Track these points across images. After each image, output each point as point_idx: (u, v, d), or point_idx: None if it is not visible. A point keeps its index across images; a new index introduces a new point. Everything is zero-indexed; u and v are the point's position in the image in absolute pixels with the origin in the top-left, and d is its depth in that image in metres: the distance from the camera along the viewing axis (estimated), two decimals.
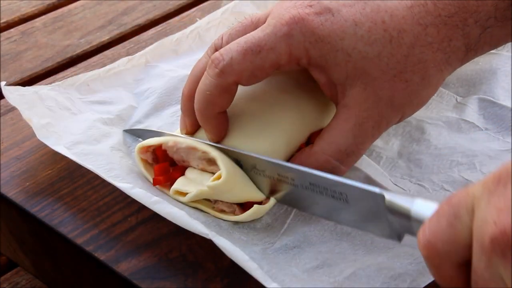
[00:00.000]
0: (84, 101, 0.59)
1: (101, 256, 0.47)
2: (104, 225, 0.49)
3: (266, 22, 0.47)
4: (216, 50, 0.48)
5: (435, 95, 0.61)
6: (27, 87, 0.57)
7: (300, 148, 0.51)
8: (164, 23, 0.76)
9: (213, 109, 0.48)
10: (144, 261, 0.46)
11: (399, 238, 0.42)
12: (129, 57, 0.64)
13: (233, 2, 0.73)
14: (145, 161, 0.51)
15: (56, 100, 0.57)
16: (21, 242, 0.56)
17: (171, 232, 0.46)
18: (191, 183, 0.49)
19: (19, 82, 0.55)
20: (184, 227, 0.45)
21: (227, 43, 0.48)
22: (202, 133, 0.50)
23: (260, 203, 0.48)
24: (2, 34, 0.77)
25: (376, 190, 0.41)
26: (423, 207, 0.39)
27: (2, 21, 0.80)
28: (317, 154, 0.47)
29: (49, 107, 0.56)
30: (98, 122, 0.56)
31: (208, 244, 0.45)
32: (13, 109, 0.61)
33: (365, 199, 0.42)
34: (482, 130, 0.57)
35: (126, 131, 0.56)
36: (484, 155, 0.54)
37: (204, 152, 0.48)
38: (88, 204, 0.51)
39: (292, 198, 0.47)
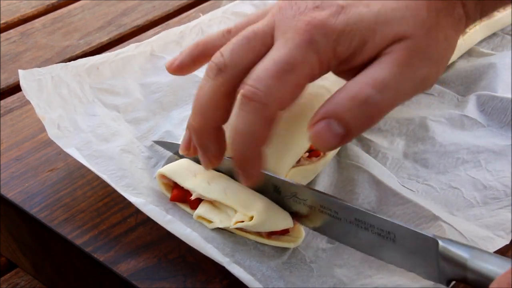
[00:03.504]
0: (93, 88, 0.60)
1: (101, 257, 0.47)
2: (103, 226, 0.49)
3: (280, 38, 0.43)
4: (220, 70, 0.44)
5: (437, 94, 0.61)
6: (42, 68, 0.58)
7: (310, 150, 0.51)
8: (163, 24, 0.76)
9: (258, 146, 0.43)
10: (143, 262, 0.46)
11: (447, 283, 0.41)
12: (137, 43, 0.65)
13: (233, 2, 0.73)
14: (165, 184, 0.51)
15: (68, 85, 0.58)
16: (20, 243, 0.56)
17: (171, 233, 0.46)
18: (215, 210, 0.48)
19: (19, 83, 0.55)
20: (198, 249, 0.45)
21: (233, 63, 0.44)
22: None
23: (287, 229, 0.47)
24: (1, 35, 0.77)
25: (429, 235, 0.40)
26: (482, 258, 0.38)
27: (1, 22, 0.80)
28: (348, 85, 0.42)
29: (60, 95, 0.57)
30: (106, 118, 0.57)
31: None
32: (13, 109, 0.62)
33: (415, 241, 0.40)
34: (484, 126, 0.57)
35: (155, 142, 0.55)
36: (489, 151, 0.54)
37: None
38: (87, 205, 0.51)
39: (332, 229, 0.44)
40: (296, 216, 0.47)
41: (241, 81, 0.43)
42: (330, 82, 0.51)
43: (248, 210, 0.46)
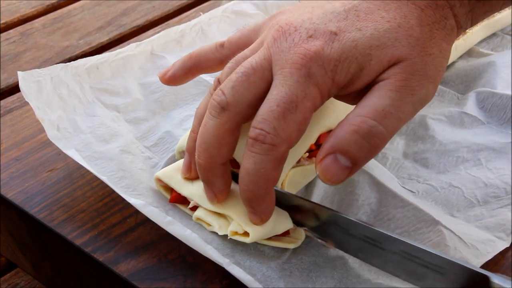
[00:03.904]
0: (93, 88, 0.60)
1: (100, 257, 0.47)
2: (103, 226, 0.49)
3: (279, 75, 0.43)
4: (224, 109, 0.44)
5: (437, 93, 0.61)
6: (41, 69, 0.58)
7: (310, 150, 0.50)
8: (163, 24, 0.76)
9: (268, 186, 0.44)
10: (143, 262, 0.46)
11: None
12: (137, 42, 0.65)
13: (232, 1, 0.73)
14: (163, 186, 0.51)
15: (68, 85, 0.58)
16: (20, 243, 0.56)
17: (170, 233, 0.46)
18: (214, 214, 0.48)
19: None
20: (198, 251, 0.45)
21: (235, 102, 0.44)
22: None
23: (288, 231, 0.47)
24: (1, 35, 0.77)
25: (481, 271, 0.39)
26: None
27: (1, 22, 0.80)
28: (351, 119, 0.42)
29: (60, 95, 0.57)
30: (106, 118, 0.57)
31: None
32: (12, 110, 0.62)
33: (466, 277, 0.40)
34: (484, 124, 0.57)
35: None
36: (489, 149, 0.54)
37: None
38: (87, 205, 0.51)
39: (377, 259, 0.44)
40: (337, 245, 0.46)
41: (244, 117, 0.44)
42: None
43: (245, 223, 0.46)
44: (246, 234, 0.46)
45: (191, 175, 0.49)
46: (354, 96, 0.45)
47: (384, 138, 0.42)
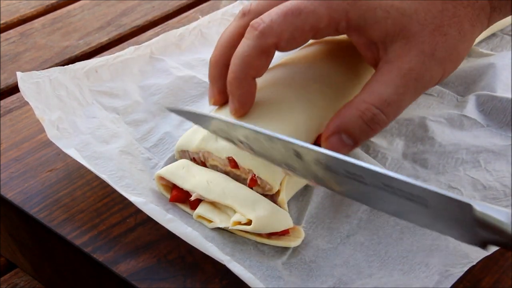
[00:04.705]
0: (92, 90, 0.60)
1: (100, 257, 0.47)
2: (103, 226, 0.49)
3: None
4: (244, 14, 0.49)
5: (436, 95, 0.61)
6: (40, 71, 0.58)
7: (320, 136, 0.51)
8: (163, 24, 0.76)
9: (249, 71, 0.47)
10: (143, 262, 0.46)
11: (484, 246, 0.40)
12: (136, 46, 0.65)
13: (232, 4, 0.73)
14: (164, 185, 0.51)
15: (67, 87, 0.58)
16: (20, 243, 0.56)
17: (170, 233, 0.46)
18: (215, 210, 0.48)
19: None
20: (198, 248, 0.45)
21: (257, 9, 0.49)
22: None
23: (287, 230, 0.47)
24: (1, 35, 0.77)
25: (463, 199, 0.39)
26: None
27: (1, 22, 0.80)
28: (357, 103, 0.46)
29: (59, 97, 0.57)
30: (105, 120, 0.57)
31: None
32: (12, 110, 0.62)
33: (448, 207, 0.39)
34: (484, 126, 0.57)
35: (168, 109, 0.55)
36: (488, 151, 0.54)
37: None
38: (86, 205, 0.51)
39: (361, 194, 0.44)
40: (320, 183, 0.46)
41: (276, 44, 0.47)
42: None
43: (247, 212, 0.46)
44: (247, 228, 0.46)
45: (215, 99, 0.51)
46: (368, 49, 0.48)
47: (384, 124, 0.47)
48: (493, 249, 0.45)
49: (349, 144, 0.46)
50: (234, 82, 0.48)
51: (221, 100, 0.51)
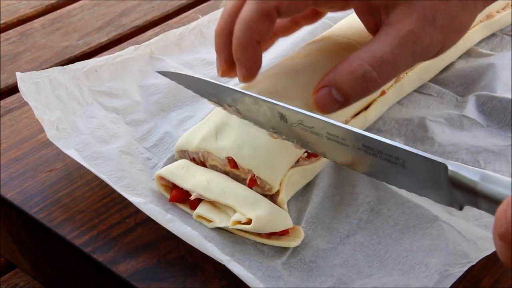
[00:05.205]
0: (92, 90, 0.60)
1: (100, 257, 0.47)
2: (102, 226, 0.49)
3: None
4: None
5: (436, 95, 0.61)
6: (40, 71, 0.58)
7: (298, 160, 0.50)
8: (162, 24, 0.76)
9: (252, 35, 0.47)
10: (142, 262, 0.46)
11: (460, 208, 0.40)
12: (136, 46, 0.65)
13: None
14: (164, 185, 0.51)
15: (67, 88, 0.58)
16: (19, 243, 0.56)
17: (170, 233, 0.46)
18: (215, 209, 0.48)
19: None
20: (198, 248, 0.45)
21: None
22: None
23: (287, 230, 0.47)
24: (1, 35, 0.77)
25: (438, 159, 0.39)
26: (492, 181, 0.36)
27: (1, 22, 0.80)
28: (351, 59, 0.46)
29: (59, 97, 0.57)
30: (105, 120, 0.57)
31: None
32: (12, 110, 0.62)
33: (424, 167, 0.40)
34: (483, 127, 0.57)
35: (159, 72, 0.55)
36: (488, 152, 0.54)
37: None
38: (86, 206, 0.51)
39: (342, 156, 0.44)
40: (304, 145, 0.46)
41: (277, 8, 0.47)
42: None
43: (247, 211, 0.46)
44: (247, 227, 0.46)
45: (223, 69, 0.51)
46: (370, 15, 0.48)
47: (376, 84, 0.46)
48: (492, 249, 0.45)
49: (339, 100, 0.46)
50: (238, 48, 0.48)
51: (229, 70, 0.51)
